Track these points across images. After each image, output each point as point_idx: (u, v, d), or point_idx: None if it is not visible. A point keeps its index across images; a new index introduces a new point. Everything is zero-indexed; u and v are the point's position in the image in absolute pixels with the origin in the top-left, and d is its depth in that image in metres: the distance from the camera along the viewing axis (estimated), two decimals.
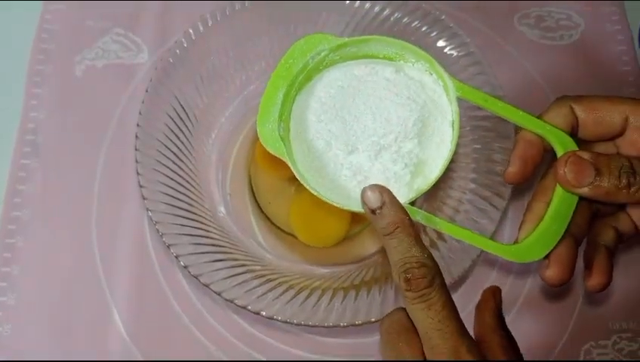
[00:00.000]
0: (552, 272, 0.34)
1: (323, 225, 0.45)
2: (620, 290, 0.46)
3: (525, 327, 0.45)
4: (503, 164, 0.43)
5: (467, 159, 0.45)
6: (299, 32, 0.48)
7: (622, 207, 0.36)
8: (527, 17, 0.55)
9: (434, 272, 0.30)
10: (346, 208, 0.33)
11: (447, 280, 0.39)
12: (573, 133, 0.35)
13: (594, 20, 0.55)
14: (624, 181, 0.32)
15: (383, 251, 0.45)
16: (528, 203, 0.36)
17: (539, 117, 0.35)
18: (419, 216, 0.33)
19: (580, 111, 0.35)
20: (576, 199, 0.34)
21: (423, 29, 0.46)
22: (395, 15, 0.47)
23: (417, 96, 0.34)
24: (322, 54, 0.35)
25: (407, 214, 0.32)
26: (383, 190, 0.32)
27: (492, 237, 0.40)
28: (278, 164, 0.46)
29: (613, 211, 0.37)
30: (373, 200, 0.32)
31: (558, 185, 0.34)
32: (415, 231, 0.31)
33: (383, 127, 0.33)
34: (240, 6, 0.46)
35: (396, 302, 0.39)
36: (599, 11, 0.56)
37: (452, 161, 0.34)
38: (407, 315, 0.32)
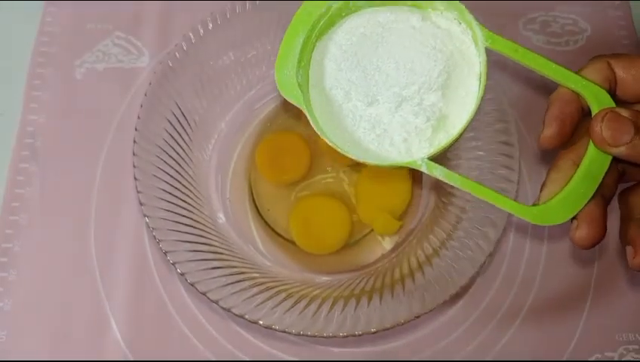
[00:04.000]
0: (583, 232, 0.31)
1: (322, 232, 0.44)
2: (628, 302, 0.45)
3: (530, 338, 0.44)
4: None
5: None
6: None
7: None
8: (533, 22, 0.55)
9: None
10: (362, 160, 0.31)
11: (450, 291, 0.38)
12: (610, 92, 0.32)
13: (600, 25, 0.54)
14: None
15: (383, 259, 0.44)
16: (554, 161, 0.33)
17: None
18: (437, 172, 0.31)
19: (618, 68, 0.32)
20: (609, 159, 0.31)
21: None
22: None
23: (444, 46, 0.32)
24: None
25: None
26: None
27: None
28: (278, 170, 0.47)
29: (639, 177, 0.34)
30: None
31: (590, 143, 0.31)
32: None
33: (405, 77, 0.31)
34: (241, 8, 0.46)
35: (396, 312, 0.38)
36: (606, 16, 0.55)
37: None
38: None
